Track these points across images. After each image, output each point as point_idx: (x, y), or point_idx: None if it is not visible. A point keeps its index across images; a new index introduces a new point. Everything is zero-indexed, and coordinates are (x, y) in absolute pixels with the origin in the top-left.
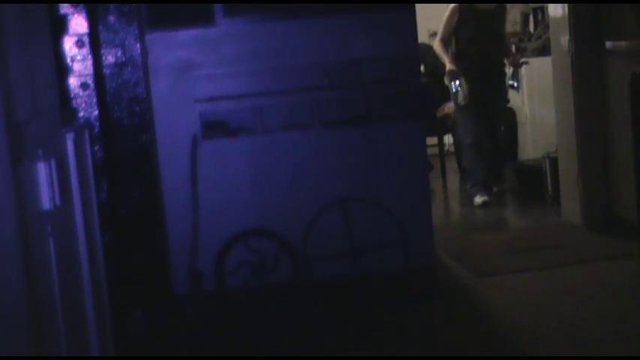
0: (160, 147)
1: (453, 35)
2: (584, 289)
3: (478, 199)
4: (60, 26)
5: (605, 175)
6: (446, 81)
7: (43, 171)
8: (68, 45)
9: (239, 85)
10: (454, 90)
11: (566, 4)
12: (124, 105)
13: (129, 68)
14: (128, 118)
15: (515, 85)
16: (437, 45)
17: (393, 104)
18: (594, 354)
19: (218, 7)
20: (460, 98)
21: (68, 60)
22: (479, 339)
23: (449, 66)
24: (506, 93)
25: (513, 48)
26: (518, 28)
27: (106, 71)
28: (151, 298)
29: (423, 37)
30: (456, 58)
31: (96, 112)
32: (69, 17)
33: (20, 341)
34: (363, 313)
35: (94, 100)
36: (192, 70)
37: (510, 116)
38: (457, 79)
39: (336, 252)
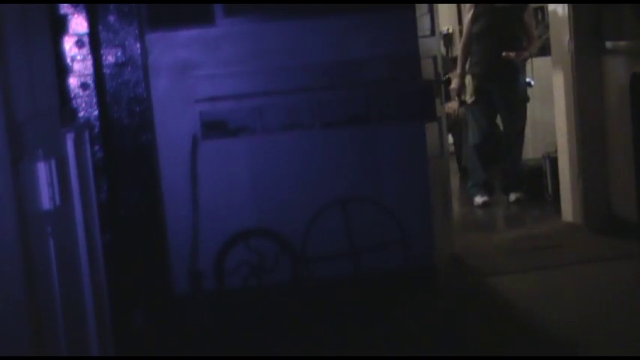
0: (160, 147)
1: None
2: (584, 289)
3: (478, 199)
4: (60, 26)
5: (605, 175)
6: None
7: (43, 171)
8: (68, 45)
9: (239, 85)
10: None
11: (566, 4)
12: (124, 105)
13: (129, 68)
14: (128, 118)
15: (533, 82)
16: (459, 50)
17: (393, 104)
18: (594, 354)
19: (218, 7)
20: (468, 97)
21: (68, 60)
22: (479, 339)
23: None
24: (519, 90)
25: None
26: None
27: (106, 71)
28: (151, 298)
29: None
30: (470, 54)
31: (96, 112)
32: (69, 17)
33: (20, 341)
34: (363, 313)
35: (94, 100)
36: (192, 70)
37: None
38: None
39: (336, 252)
